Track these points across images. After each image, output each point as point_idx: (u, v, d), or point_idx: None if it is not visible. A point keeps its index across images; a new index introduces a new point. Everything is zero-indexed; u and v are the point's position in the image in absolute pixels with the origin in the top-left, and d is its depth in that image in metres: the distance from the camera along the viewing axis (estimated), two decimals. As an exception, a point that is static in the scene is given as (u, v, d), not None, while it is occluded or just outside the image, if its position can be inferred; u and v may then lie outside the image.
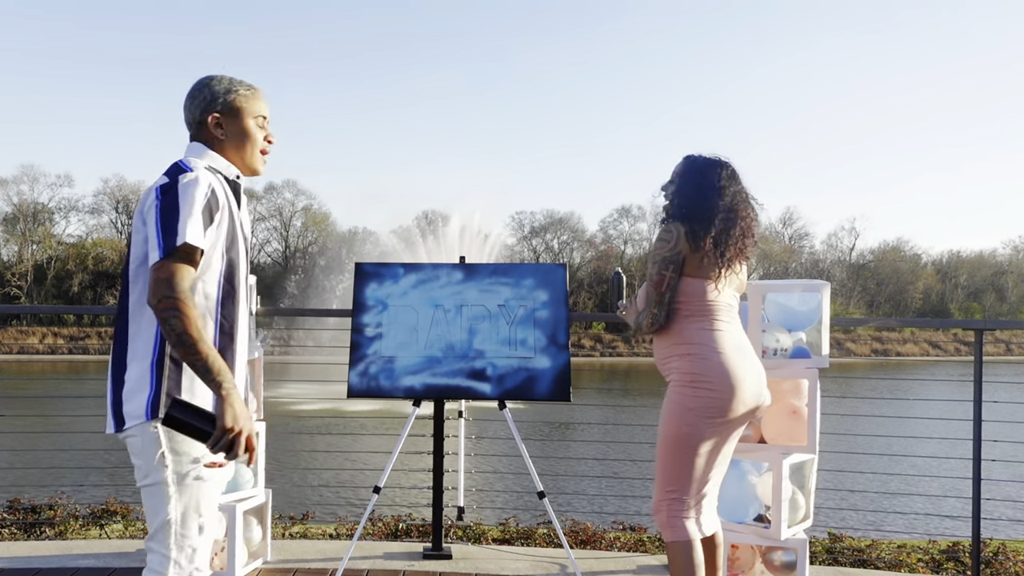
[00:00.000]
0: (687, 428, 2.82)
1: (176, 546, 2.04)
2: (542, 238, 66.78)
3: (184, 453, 2.04)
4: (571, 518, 5.52)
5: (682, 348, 2.88)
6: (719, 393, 2.78)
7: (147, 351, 2.05)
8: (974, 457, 3.86)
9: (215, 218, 2.08)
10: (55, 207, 60.53)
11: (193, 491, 2.05)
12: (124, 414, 2.05)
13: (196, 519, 2.06)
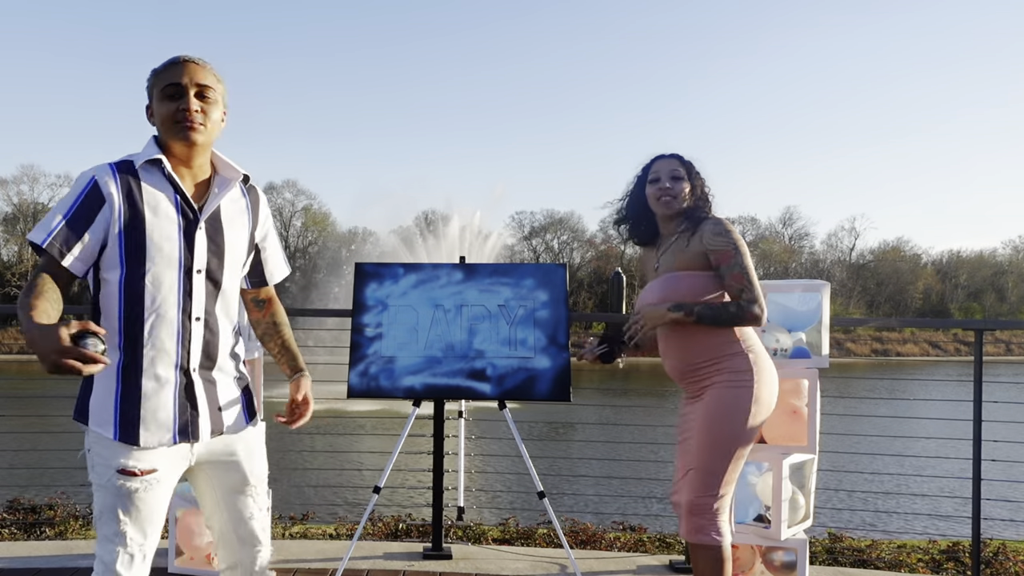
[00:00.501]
0: (750, 429, 2.75)
1: (101, 547, 2.03)
2: (542, 238, 66.80)
3: (102, 456, 2.03)
4: (571, 518, 5.52)
5: (737, 346, 2.79)
6: (771, 391, 2.81)
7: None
8: (974, 457, 3.86)
9: (95, 212, 1.98)
10: (55, 207, 60.51)
11: (110, 495, 2.02)
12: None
13: (114, 524, 2.01)
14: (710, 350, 2.80)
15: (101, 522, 2.03)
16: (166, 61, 2.09)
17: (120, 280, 2.01)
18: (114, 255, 2.00)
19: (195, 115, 2.04)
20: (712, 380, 2.79)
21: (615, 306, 3.95)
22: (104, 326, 2.03)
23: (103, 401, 2.04)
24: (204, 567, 3.72)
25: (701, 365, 2.82)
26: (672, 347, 2.90)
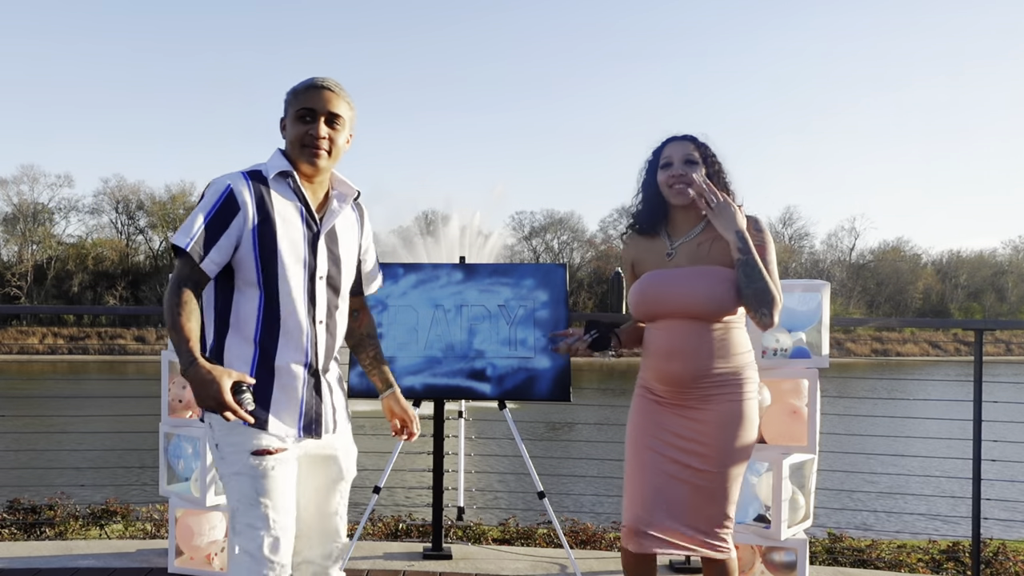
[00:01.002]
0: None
1: (246, 536, 2.08)
2: (542, 238, 66.81)
3: (233, 443, 2.10)
4: (571, 518, 5.52)
5: (749, 356, 2.60)
6: None
7: (203, 343, 2.16)
8: (974, 457, 3.86)
9: (231, 219, 2.11)
10: (55, 207, 60.59)
11: (248, 478, 2.08)
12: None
13: (259, 508, 2.07)
14: (735, 357, 2.56)
15: (240, 513, 2.09)
16: (305, 83, 2.22)
17: (258, 282, 2.14)
18: (248, 260, 2.13)
19: (322, 142, 2.18)
20: (725, 391, 2.54)
21: (615, 306, 3.94)
22: (237, 326, 2.15)
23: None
24: (204, 567, 3.72)
25: (721, 372, 2.54)
26: (685, 348, 2.55)
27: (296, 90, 2.22)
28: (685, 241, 2.64)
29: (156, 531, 5.10)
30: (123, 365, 39.26)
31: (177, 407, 3.78)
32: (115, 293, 56.45)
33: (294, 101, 2.21)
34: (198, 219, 2.09)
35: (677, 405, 2.58)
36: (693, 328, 2.54)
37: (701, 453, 2.53)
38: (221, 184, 2.13)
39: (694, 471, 2.53)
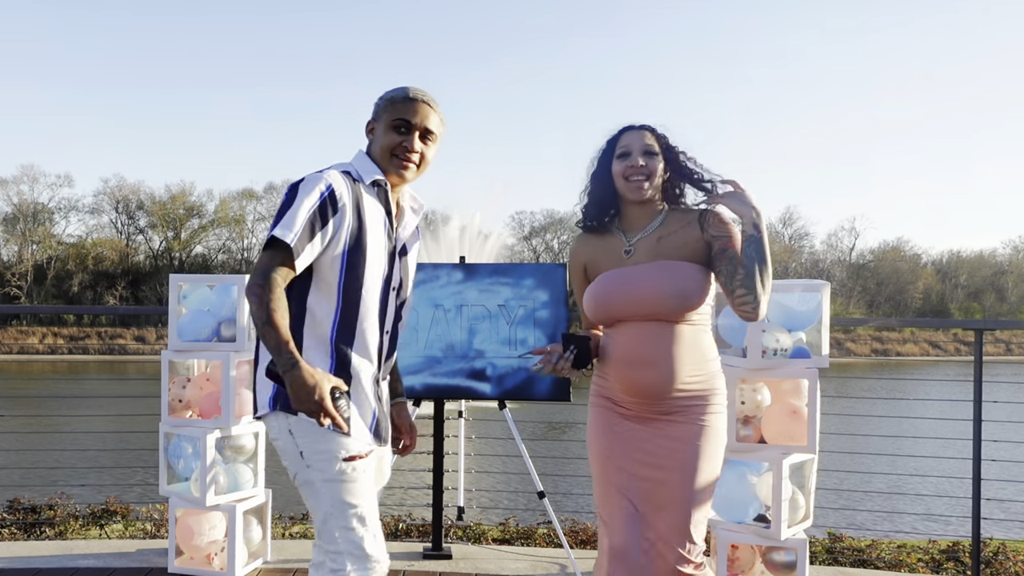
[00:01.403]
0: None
1: (342, 539, 2.07)
2: (542, 238, 66.83)
3: (321, 450, 2.07)
4: (571, 518, 5.52)
5: (718, 363, 2.44)
6: None
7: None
8: (974, 457, 3.86)
9: (329, 217, 2.07)
10: (55, 207, 60.63)
11: (340, 484, 2.07)
12: (257, 402, 2.16)
13: (351, 510, 2.07)
14: (707, 363, 2.39)
15: (333, 518, 2.07)
16: (402, 92, 2.20)
17: (339, 285, 2.12)
18: (335, 263, 2.10)
19: (413, 156, 2.19)
20: (697, 405, 2.36)
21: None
22: (313, 328, 2.12)
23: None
24: (204, 567, 3.72)
25: (693, 382, 2.36)
26: (656, 356, 2.35)
27: (393, 99, 2.20)
28: (643, 236, 2.44)
29: (156, 531, 5.11)
30: (123, 365, 39.27)
31: (177, 407, 3.77)
32: (115, 293, 56.46)
33: (390, 109, 2.19)
34: (301, 214, 2.03)
35: (645, 418, 2.39)
36: (660, 331, 2.35)
37: (671, 469, 2.35)
38: (322, 181, 2.09)
39: (664, 488, 2.35)
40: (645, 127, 2.47)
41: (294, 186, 2.10)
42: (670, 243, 2.40)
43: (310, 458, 2.07)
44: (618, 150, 2.45)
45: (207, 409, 3.78)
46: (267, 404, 2.11)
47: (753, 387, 3.44)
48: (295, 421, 2.06)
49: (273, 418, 2.11)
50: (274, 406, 2.09)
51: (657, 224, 2.45)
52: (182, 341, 3.75)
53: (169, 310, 3.77)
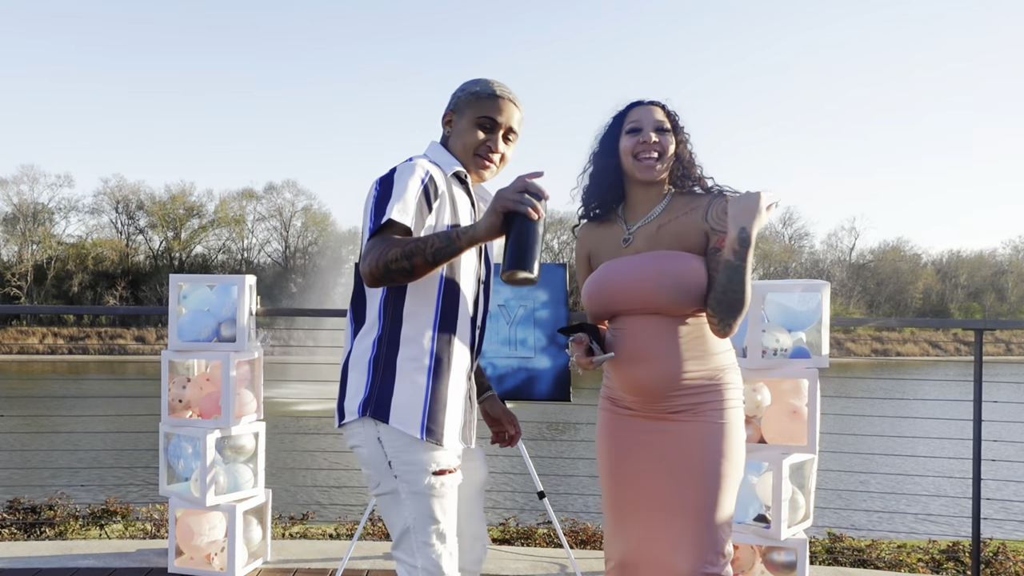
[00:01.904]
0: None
1: (420, 554, 2.01)
2: (542, 238, 66.77)
3: (411, 462, 1.99)
4: (571, 518, 5.52)
5: (730, 356, 2.25)
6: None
7: (367, 347, 2.03)
8: (974, 457, 3.85)
9: (432, 203, 1.98)
10: (55, 207, 60.63)
11: (426, 499, 2.00)
12: (344, 410, 2.05)
13: (433, 525, 2.00)
14: (713, 357, 2.21)
15: (415, 531, 2.01)
16: (488, 88, 2.11)
17: (441, 279, 2.02)
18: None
19: (495, 156, 2.13)
20: (707, 400, 2.18)
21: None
22: (411, 325, 2.01)
23: (411, 399, 1.99)
24: (204, 567, 3.72)
25: (698, 377, 2.19)
26: (655, 351, 2.20)
27: (479, 94, 2.10)
28: (644, 224, 2.26)
29: (156, 531, 5.10)
30: (123, 365, 39.27)
31: (177, 407, 3.77)
32: (115, 293, 56.47)
33: (475, 105, 2.10)
34: (410, 195, 1.92)
35: (651, 418, 2.22)
36: (659, 325, 2.18)
37: (684, 473, 2.15)
38: (420, 168, 1.98)
39: (677, 494, 2.15)
40: (656, 102, 2.29)
41: (387, 177, 1.98)
42: (670, 231, 2.22)
43: (398, 468, 1.99)
44: (627, 125, 2.27)
45: (207, 409, 3.78)
46: (356, 411, 2.00)
47: (753, 387, 3.44)
48: (385, 429, 1.98)
49: (360, 425, 2.00)
50: (364, 412, 1.99)
51: (660, 210, 2.26)
52: (182, 341, 3.75)
53: (169, 310, 3.77)
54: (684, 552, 2.12)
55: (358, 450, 2.04)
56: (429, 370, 2.02)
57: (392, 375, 2.00)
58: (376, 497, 2.06)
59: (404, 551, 2.02)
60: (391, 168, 2.02)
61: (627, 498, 2.26)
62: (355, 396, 2.02)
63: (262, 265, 62.78)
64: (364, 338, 2.05)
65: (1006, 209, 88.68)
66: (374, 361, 2.01)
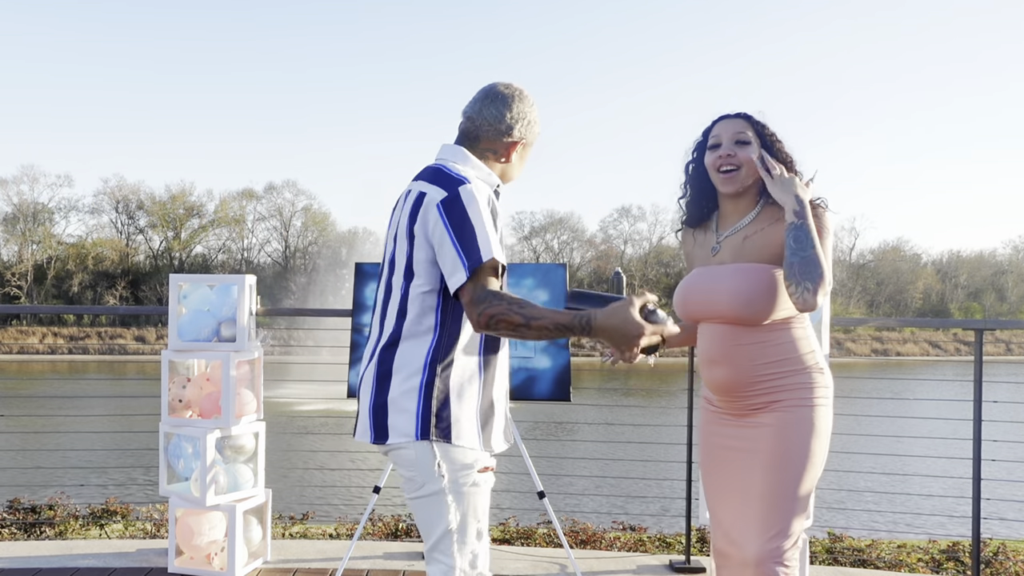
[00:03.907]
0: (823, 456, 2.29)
1: (459, 554, 2.02)
2: (542, 238, 66.82)
3: (457, 461, 2.01)
4: (571, 518, 5.52)
5: (810, 358, 2.27)
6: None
7: (417, 368, 2.00)
8: (974, 457, 3.85)
9: (497, 226, 2.02)
10: (55, 207, 60.64)
11: (470, 498, 2.02)
12: (388, 427, 2.02)
13: (475, 524, 2.04)
14: (787, 361, 2.26)
15: (458, 531, 2.02)
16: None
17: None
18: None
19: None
20: (783, 398, 2.25)
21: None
22: (464, 343, 2.03)
23: (469, 416, 2.04)
24: (204, 567, 3.72)
25: (767, 378, 2.25)
26: (727, 354, 2.29)
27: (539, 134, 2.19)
28: (731, 234, 2.35)
29: (156, 531, 5.10)
30: (123, 365, 39.29)
31: (177, 407, 3.78)
32: (115, 293, 56.47)
33: (537, 131, 2.18)
34: (486, 228, 1.95)
35: (734, 415, 2.33)
36: (733, 333, 2.28)
37: (757, 464, 2.25)
38: (483, 191, 2.01)
39: (748, 483, 2.26)
40: (741, 115, 2.38)
41: (455, 203, 1.96)
42: (755, 243, 2.29)
43: (446, 468, 2.00)
44: (710, 140, 2.38)
45: (207, 409, 3.78)
46: (413, 434, 1.99)
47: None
48: (441, 446, 1.99)
49: (414, 446, 2.00)
50: (424, 436, 1.98)
51: (747, 221, 2.34)
52: (182, 341, 3.75)
53: (169, 310, 3.77)
54: (750, 536, 2.23)
55: (399, 452, 2.02)
56: (480, 383, 2.06)
57: (447, 395, 2.01)
58: (417, 499, 2.04)
59: (442, 552, 2.02)
60: (447, 189, 1.98)
61: (714, 489, 2.38)
62: (407, 416, 2.00)
63: (262, 265, 62.78)
64: (411, 352, 2.02)
65: (1006, 209, 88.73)
66: (427, 382, 1.99)
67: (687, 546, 3.98)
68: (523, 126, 2.13)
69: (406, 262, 2.03)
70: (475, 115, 2.13)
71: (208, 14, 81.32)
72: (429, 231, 1.98)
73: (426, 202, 1.99)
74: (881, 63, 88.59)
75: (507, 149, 2.14)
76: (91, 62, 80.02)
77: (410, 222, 2.02)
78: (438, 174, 2.04)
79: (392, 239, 2.11)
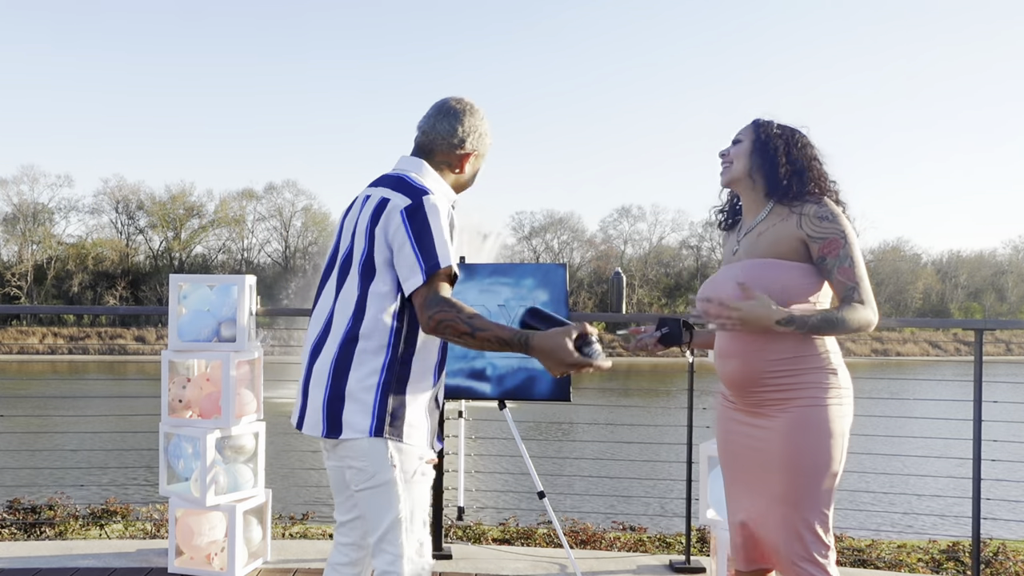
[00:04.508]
0: (844, 450, 2.32)
1: (407, 542, 2.10)
2: (542, 238, 66.82)
3: (408, 454, 2.09)
4: (571, 518, 5.52)
5: (823, 359, 2.29)
6: (852, 406, 2.38)
7: (376, 367, 2.07)
8: (974, 457, 3.86)
9: (454, 239, 2.11)
10: (55, 207, 60.66)
11: (418, 487, 2.11)
12: (342, 423, 2.07)
13: (420, 514, 2.12)
14: (799, 359, 2.28)
15: (406, 520, 2.10)
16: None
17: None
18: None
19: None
20: (792, 396, 2.28)
21: (615, 306, 3.90)
22: (422, 351, 2.12)
23: (419, 417, 2.13)
24: (204, 567, 3.72)
25: (777, 375, 2.29)
26: (738, 349, 2.34)
27: (489, 142, 2.29)
28: (748, 233, 2.41)
29: (156, 531, 5.11)
30: (123, 365, 39.29)
31: (177, 407, 3.77)
32: (115, 293, 56.48)
33: (486, 153, 2.30)
34: (444, 238, 2.04)
35: (745, 411, 2.37)
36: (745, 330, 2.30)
37: (771, 464, 2.29)
38: (441, 205, 2.08)
39: (767, 483, 2.31)
40: (753, 120, 2.48)
41: (417, 212, 2.04)
42: (765, 239, 2.34)
43: (396, 459, 2.08)
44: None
45: (207, 409, 3.78)
46: (367, 431, 2.05)
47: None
48: (394, 444, 2.07)
49: (368, 442, 2.06)
50: (377, 433, 2.05)
51: (760, 219, 2.39)
52: (182, 341, 3.75)
53: (169, 310, 3.77)
54: (777, 538, 2.29)
55: (354, 443, 2.07)
56: (432, 383, 2.16)
57: (404, 395, 2.09)
58: (367, 490, 2.09)
59: (390, 541, 2.09)
60: (413, 200, 2.06)
61: (731, 478, 2.47)
62: (363, 414, 2.06)
63: (262, 265, 62.78)
64: (370, 350, 2.07)
65: (1006, 209, 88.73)
66: (385, 381, 2.06)
67: (687, 546, 3.98)
68: (475, 139, 2.23)
69: (363, 261, 2.09)
70: (429, 129, 2.23)
71: (208, 14, 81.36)
72: (390, 235, 2.06)
73: (390, 207, 2.07)
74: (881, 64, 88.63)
75: (460, 161, 2.24)
76: (91, 62, 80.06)
77: (371, 223, 2.09)
78: (401, 183, 2.12)
79: (349, 237, 2.17)
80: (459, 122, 2.21)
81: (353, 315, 2.09)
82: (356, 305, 2.09)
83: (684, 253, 66.65)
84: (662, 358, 2.58)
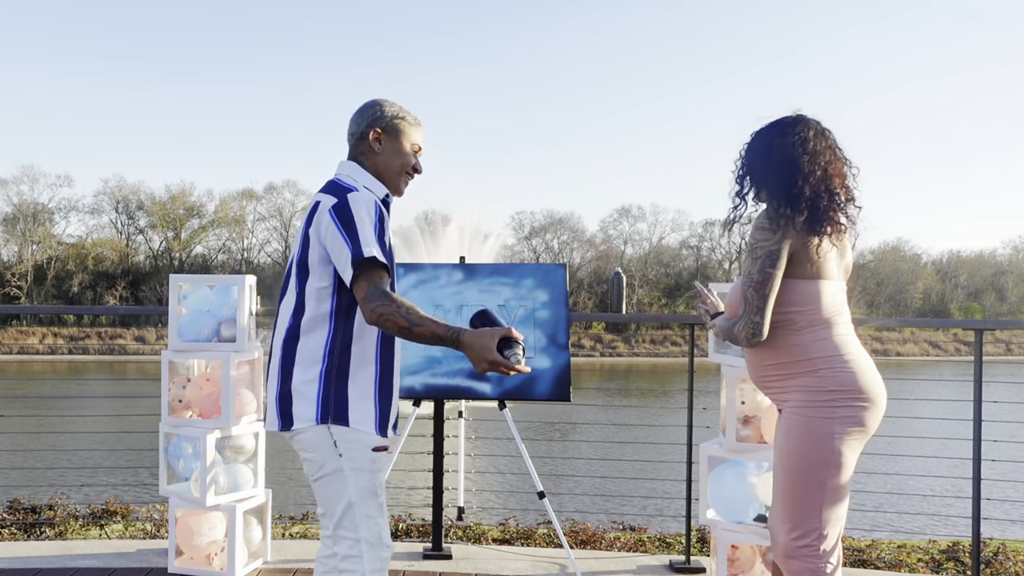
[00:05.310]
0: (833, 454, 2.35)
1: (363, 527, 2.19)
2: (542, 238, 66.81)
3: (355, 441, 2.19)
4: (571, 518, 5.52)
5: (806, 364, 2.40)
6: (864, 406, 2.39)
7: (317, 358, 2.21)
8: (974, 457, 3.86)
9: (384, 238, 2.22)
10: (55, 207, 60.62)
11: (368, 475, 2.21)
12: (293, 415, 2.22)
13: (375, 500, 2.22)
14: (780, 366, 2.45)
15: (357, 506, 2.20)
16: (412, 115, 2.38)
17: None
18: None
19: (418, 174, 2.42)
20: (787, 399, 2.44)
21: (615, 306, 3.87)
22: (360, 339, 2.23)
23: (364, 404, 2.23)
24: (204, 567, 3.72)
25: (770, 379, 2.49)
26: (750, 352, 2.56)
27: (408, 121, 2.36)
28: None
29: (156, 531, 5.10)
30: (123, 365, 39.30)
31: (177, 407, 3.77)
32: (115, 293, 56.45)
33: (409, 131, 2.35)
34: (369, 230, 2.15)
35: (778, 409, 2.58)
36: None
37: (776, 464, 2.48)
38: (368, 199, 2.20)
39: (775, 480, 2.49)
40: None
41: (343, 209, 2.17)
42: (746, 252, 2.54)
43: (343, 447, 2.18)
44: None
45: (207, 409, 3.78)
46: (313, 419, 2.19)
47: (753, 387, 3.44)
48: (339, 430, 2.19)
49: (314, 431, 2.20)
50: (322, 420, 2.19)
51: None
52: (182, 341, 3.75)
53: (169, 310, 3.77)
54: (778, 530, 2.45)
55: (303, 436, 2.20)
56: (376, 378, 2.26)
57: (346, 382, 2.21)
58: (318, 480, 2.22)
59: (347, 528, 2.20)
60: (337, 196, 2.20)
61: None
62: (308, 403, 2.19)
63: (262, 265, 62.73)
64: (310, 343, 2.21)
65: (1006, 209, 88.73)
66: (327, 370, 2.20)
67: (687, 546, 3.98)
68: (371, 120, 2.34)
69: (299, 262, 2.25)
70: (348, 135, 2.39)
71: (208, 14, 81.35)
72: (322, 233, 2.19)
73: (320, 208, 2.22)
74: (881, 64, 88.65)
75: (368, 145, 2.34)
76: (91, 62, 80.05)
77: (305, 226, 2.25)
78: (332, 185, 2.28)
79: (295, 244, 2.32)
80: (360, 116, 2.35)
81: (293, 313, 2.25)
82: (296, 304, 2.25)
83: (684, 253, 66.62)
84: (662, 358, 2.57)
